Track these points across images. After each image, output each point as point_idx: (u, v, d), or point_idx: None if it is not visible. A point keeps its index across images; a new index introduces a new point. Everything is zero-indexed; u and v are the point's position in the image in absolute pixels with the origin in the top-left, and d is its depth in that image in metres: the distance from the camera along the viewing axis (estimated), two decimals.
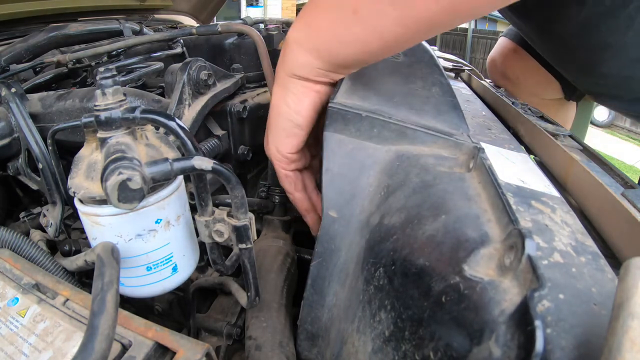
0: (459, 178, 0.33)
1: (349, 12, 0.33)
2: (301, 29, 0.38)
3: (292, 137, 0.42)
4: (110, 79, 0.30)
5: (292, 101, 0.40)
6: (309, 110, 0.41)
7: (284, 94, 0.41)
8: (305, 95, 0.40)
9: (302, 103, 0.40)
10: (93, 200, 0.31)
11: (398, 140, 0.37)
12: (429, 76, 0.45)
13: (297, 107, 0.40)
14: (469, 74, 0.89)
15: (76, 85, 0.67)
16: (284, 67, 0.40)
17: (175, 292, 0.51)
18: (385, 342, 0.29)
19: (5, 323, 0.32)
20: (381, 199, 0.36)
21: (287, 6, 8.08)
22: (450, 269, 0.25)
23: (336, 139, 0.37)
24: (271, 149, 0.44)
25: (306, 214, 0.47)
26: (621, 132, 6.18)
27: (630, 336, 0.16)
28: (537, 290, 0.20)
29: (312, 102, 0.40)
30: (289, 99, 0.40)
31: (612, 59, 0.66)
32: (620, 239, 0.35)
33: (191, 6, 1.40)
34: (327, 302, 0.38)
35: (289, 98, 0.40)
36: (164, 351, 0.30)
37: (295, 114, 0.41)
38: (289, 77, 0.40)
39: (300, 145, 0.43)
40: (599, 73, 0.70)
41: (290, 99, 0.40)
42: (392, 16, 0.32)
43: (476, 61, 7.82)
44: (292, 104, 0.40)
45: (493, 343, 0.20)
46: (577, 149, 0.50)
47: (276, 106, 0.42)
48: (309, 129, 0.42)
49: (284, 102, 0.41)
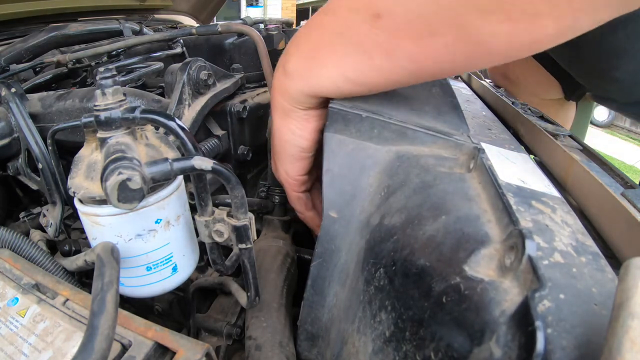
0: (459, 178, 0.33)
1: (364, 57, 0.33)
2: (303, 62, 0.37)
3: (301, 160, 0.43)
4: (110, 79, 0.30)
5: (297, 128, 0.41)
6: (314, 134, 0.41)
7: (286, 122, 0.41)
8: (309, 121, 0.41)
9: (306, 129, 0.41)
10: (93, 200, 0.31)
11: (398, 141, 0.37)
12: None
13: (302, 133, 0.41)
14: (469, 74, 0.89)
15: (76, 85, 0.67)
16: (285, 97, 0.40)
17: (175, 292, 0.51)
18: (385, 342, 0.29)
19: (5, 323, 0.32)
20: (381, 199, 0.36)
21: (287, 6, 8.08)
22: (451, 270, 0.25)
23: (336, 139, 0.37)
24: (281, 174, 0.45)
25: (317, 229, 0.49)
26: (621, 132, 6.18)
27: (630, 336, 0.16)
28: (537, 290, 0.20)
29: (316, 125, 0.41)
30: (293, 126, 0.41)
31: (626, 64, 0.66)
32: (620, 239, 0.35)
33: (191, 6, 1.40)
34: (327, 302, 0.38)
35: (292, 125, 0.41)
36: (164, 351, 0.30)
37: (301, 139, 0.41)
38: (290, 108, 0.40)
39: (309, 167, 0.44)
40: (610, 78, 0.70)
41: (294, 126, 0.41)
42: (409, 70, 0.33)
43: None
44: (297, 130, 0.41)
45: (494, 343, 0.20)
46: (577, 149, 0.50)
47: (280, 133, 0.42)
48: (315, 150, 0.43)
49: (288, 130, 0.41)
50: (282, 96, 0.40)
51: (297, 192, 0.46)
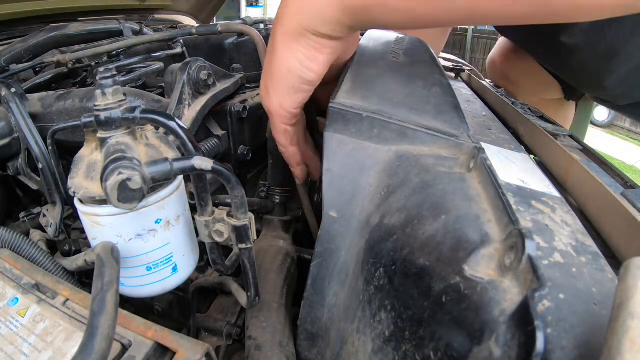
0: (459, 178, 0.33)
1: None
2: None
3: (300, 93, 0.40)
4: (110, 79, 0.30)
5: (305, 57, 0.37)
6: (323, 67, 0.38)
7: (293, 49, 0.37)
8: (321, 52, 0.37)
9: (316, 60, 0.37)
10: (93, 200, 0.31)
11: (398, 141, 0.37)
12: (429, 76, 0.45)
13: (310, 64, 0.38)
14: (469, 74, 0.89)
15: (76, 85, 0.67)
16: (300, 20, 0.36)
17: (175, 292, 0.51)
18: (385, 342, 0.29)
19: (5, 323, 0.32)
20: (381, 199, 0.36)
21: None
22: (451, 269, 0.25)
23: (336, 139, 0.37)
24: (273, 105, 0.41)
25: (296, 166, 0.47)
26: (621, 132, 6.18)
27: (630, 336, 0.16)
28: (537, 290, 0.20)
29: (327, 58, 0.38)
30: (301, 54, 0.37)
31: (619, 67, 0.66)
32: (620, 239, 0.35)
33: (191, 6, 1.40)
34: (327, 302, 0.38)
35: (300, 54, 0.37)
36: (163, 351, 0.30)
37: (307, 71, 0.38)
38: (304, 31, 0.36)
39: (305, 100, 0.41)
40: (608, 82, 0.70)
41: (302, 55, 0.37)
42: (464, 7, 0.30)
43: (476, 61, 7.81)
44: (305, 60, 0.37)
45: (493, 343, 0.20)
46: (577, 149, 0.50)
47: (282, 60, 0.38)
48: (317, 84, 0.40)
49: (294, 58, 0.37)
50: (294, 19, 0.36)
51: (285, 125, 0.42)
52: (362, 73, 0.43)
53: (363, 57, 0.48)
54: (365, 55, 0.48)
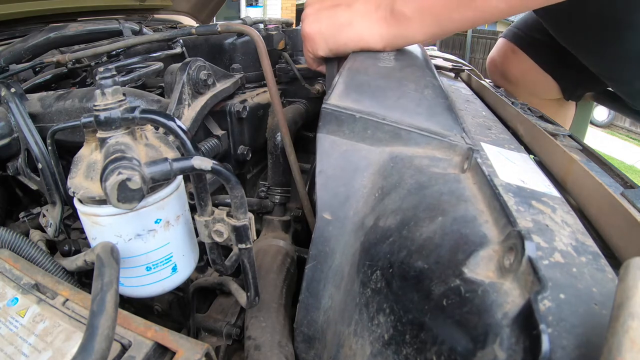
0: (454, 179, 0.33)
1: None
2: None
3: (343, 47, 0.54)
4: (110, 79, 0.30)
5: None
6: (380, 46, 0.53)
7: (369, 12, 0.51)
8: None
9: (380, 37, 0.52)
10: (92, 200, 0.31)
11: (392, 142, 0.37)
12: (421, 79, 0.45)
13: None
14: (468, 74, 0.89)
15: (76, 85, 0.67)
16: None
17: (175, 292, 0.51)
18: (384, 345, 0.28)
19: (5, 323, 0.32)
20: (376, 200, 0.35)
21: (286, 6, 8.07)
22: (450, 272, 0.25)
23: (330, 140, 0.37)
24: (318, 53, 0.57)
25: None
26: (621, 132, 6.19)
27: (630, 336, 0.16)
28: (539, 292, 0.20)
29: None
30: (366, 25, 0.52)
31: (631, 39, 0.67)
32: (620, 239, 0.34)
33: (191, 6, 1.40)
34: (322, 304, 0.38)
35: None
36: (163, 351, 0.30)
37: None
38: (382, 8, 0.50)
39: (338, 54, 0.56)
40: (619, 54, 0.71)
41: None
42: (500, 7, 0.43)
43: (476, 61, 7.81)
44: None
45: (497, 347, 0.20)
46: (577, 149, 0.50)
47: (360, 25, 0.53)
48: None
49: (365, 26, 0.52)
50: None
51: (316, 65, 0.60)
52: (355, 78, 0.43)
53: (355, 63, 0.48)
54: (357, 61, 0.49)
